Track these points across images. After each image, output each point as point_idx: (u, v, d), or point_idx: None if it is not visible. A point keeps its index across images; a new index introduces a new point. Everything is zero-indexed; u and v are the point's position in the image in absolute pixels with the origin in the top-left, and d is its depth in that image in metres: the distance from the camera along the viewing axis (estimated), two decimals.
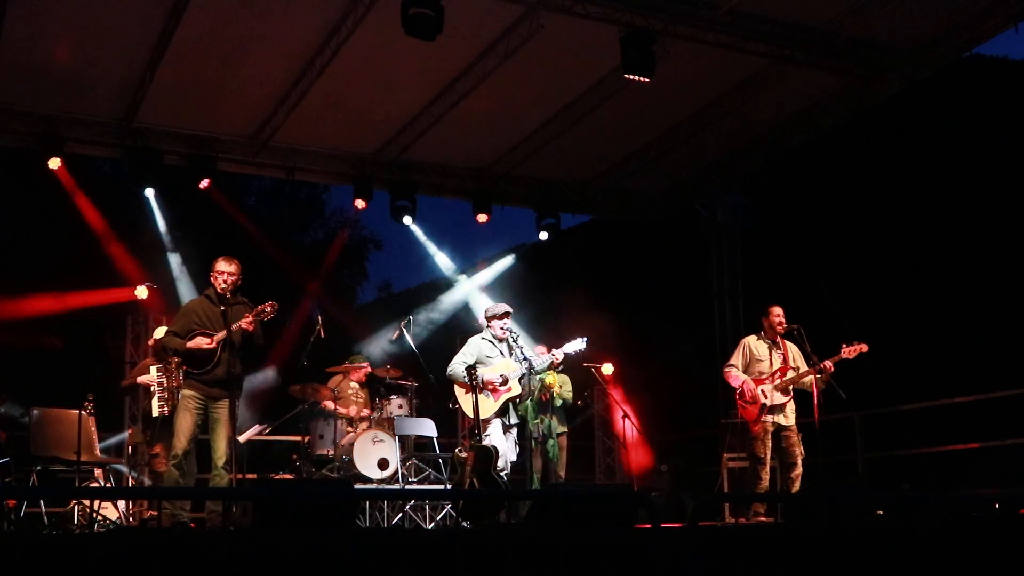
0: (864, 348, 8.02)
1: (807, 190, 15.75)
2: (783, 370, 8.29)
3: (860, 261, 14.89)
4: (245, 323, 7.00)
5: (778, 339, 8.44)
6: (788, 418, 8.27)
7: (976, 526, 5.81)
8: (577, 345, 8.21)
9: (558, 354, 8.17)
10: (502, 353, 8.03)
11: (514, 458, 8.08)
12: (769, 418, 8.22)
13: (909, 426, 10.47)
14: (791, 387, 8.28)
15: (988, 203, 14.59)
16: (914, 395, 10.56)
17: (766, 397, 8.22)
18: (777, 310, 8.45)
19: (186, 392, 7.06)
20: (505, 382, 7.87)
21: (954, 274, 14.48)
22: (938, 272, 14.68)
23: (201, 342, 7.01)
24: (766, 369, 8.35)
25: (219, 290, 7.12)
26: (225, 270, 7.14)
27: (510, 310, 8.15)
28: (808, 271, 11.78)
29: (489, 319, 8.18)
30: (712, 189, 12.90)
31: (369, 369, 10.30)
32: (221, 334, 6.99)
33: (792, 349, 8.44)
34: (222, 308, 7.05)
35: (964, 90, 15.30)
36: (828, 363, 8.08)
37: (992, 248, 14.22)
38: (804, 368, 8.31)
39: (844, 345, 8.03)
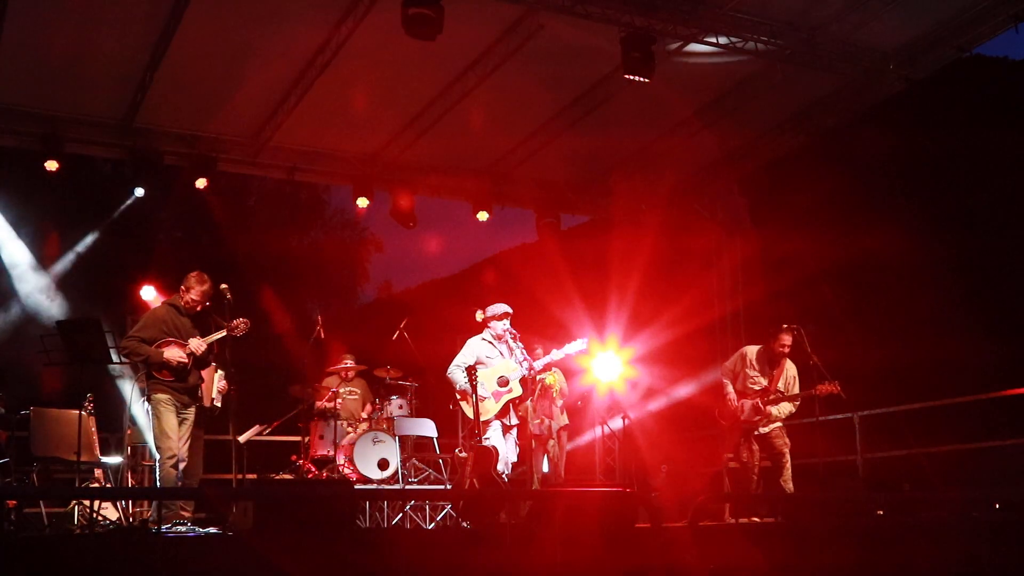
0: (836, 390, 8.11)
1: (807, 190, 15.72)
2: (766, 391, 8.39)
3: (860, 261, 14.87)
4: (211, 339, 7.16)
5: (780, 360, 8.46)
6: (766, 426, 8.39)
7: (976, 526, 5.82)
8: (578, 346, 8.20)
9: (559, 354, 8.17)
10: (502, 353, 8.02)
11: (514, 459, 8.08)
12: (747, 424, 8.38)
13: (909, 426, 10.45)
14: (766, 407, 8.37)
15: (988, 203, 14.57)
16: (914, 395, 10.55)
17: (743, 413, 8.38)
18: (785, 339, 8.39)
19: (161, 397, 7.10)
20: (505, 383, 7.87)
21: (954, 273, 14.46)
22: (938, 271, 14.65)
23: (177, 354, 7.07)
24: (754, 385, 8.46)
25: (185, 306, 7.22)
26: (196, 299, 7.20)
27: (510, 310, 8.13)
28: (808, 271, 11.76)
29: (489, 319, 8.17)
30: (712, 189, 12.91)
31: (350, 362, 10.29)
32: (199, 344, 7.09)
33: (788, 373, 8.47)
34: (190, 318, 7.23)
35: (964, 90, 15.27)
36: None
37: (992, 248, 14.19)
38: (793, 391, 8.41)
39: (819, 385, 8.14)
